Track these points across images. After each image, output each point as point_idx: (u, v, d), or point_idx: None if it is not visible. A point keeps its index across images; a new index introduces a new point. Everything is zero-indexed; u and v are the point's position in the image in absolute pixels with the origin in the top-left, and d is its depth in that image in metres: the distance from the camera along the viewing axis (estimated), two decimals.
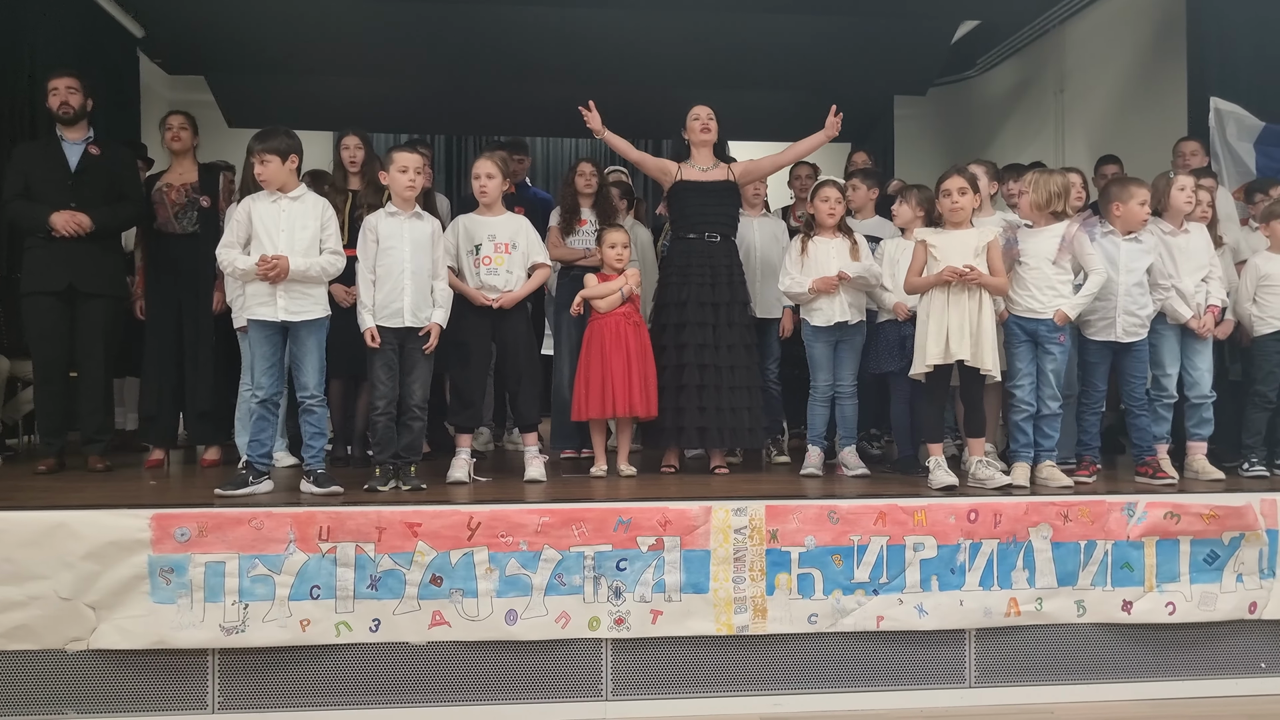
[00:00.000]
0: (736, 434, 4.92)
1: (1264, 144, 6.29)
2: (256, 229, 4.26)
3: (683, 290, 4.94)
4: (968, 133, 10.63)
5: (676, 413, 4.85)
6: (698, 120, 5.06)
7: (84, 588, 3.61)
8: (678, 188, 5.07)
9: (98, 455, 5.04)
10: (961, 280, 4.31)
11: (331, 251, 4.35)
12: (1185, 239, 4.78)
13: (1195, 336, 4.76)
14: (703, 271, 4.94)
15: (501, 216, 4.72)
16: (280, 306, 4.22)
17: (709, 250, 4.98)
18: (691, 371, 4.84)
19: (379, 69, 8.54)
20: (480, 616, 3.77)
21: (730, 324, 4.91)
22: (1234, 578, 4.11)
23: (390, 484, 4.31)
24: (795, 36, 7.99)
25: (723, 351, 4.87)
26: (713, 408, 4.83)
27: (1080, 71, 9.00)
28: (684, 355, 4.86)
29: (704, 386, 4.83)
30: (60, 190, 4.90)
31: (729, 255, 5.02)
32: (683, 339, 4.87)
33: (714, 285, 4.93)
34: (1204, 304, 4.75)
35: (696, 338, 4.86)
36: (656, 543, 3.86)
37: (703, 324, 4.88)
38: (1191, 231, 4.81)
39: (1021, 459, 4.47)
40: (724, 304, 4.93)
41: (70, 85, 5.00)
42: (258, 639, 3.67)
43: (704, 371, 4.84)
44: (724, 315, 4.91)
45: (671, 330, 4.93)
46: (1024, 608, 4.00)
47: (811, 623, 3.91)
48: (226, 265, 4.31)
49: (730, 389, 4.85)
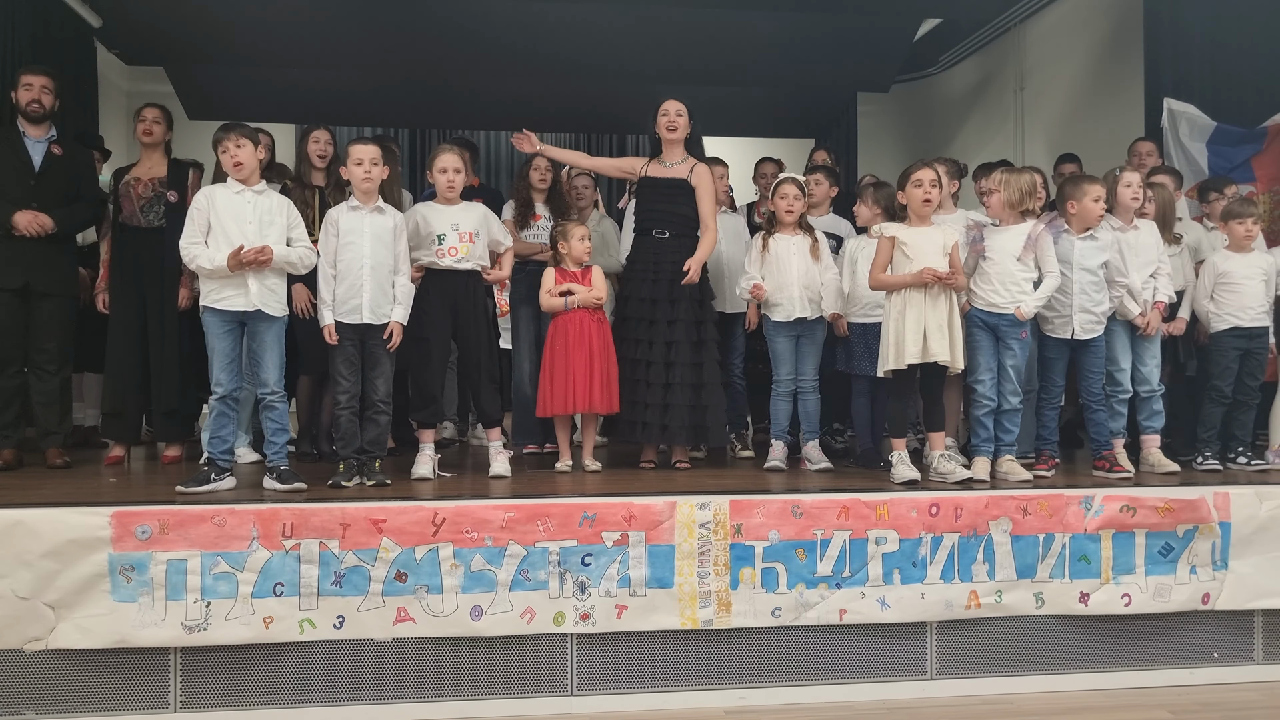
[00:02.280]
0: (697, 431, 4.93)
1: (1216, 144, 6.42)
2: (223, 220, 4.21)
3: (629, 286, 5.00)
4: (929, 129, 10.72)
5: (633, 407, 4.88)
6: (665, 116, 5.05)
7: (43, 587, 3.56)
8: (640, 184, 5.10)
9: (57, 449, 4.98)
10: (942, 284, 4.35)
11: (305, 247, 4.36)
12: (1135, 235, 4.85)
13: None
14: (646, 269, 4.96)
15: (460, 206, 4.70)
16: (254, 294, 4.19)
17: (656, 247, 4.99)
18: (637, 367, 4.87)
19: (342, 62, 8.47)
20: (445, 612, 3.77)
21: (682, 320, 4.88)
22: (1188, 569, 4.20)
23: (354, 480, 4.29)
24: (759, 33, 8.03)
25: (675, 348, 4.87)
26: (660, 404, 4.84)
27: (1040, 70, 9.12)
28: (637, 350, 4.89)
29: (650, 384, 4.85)
30: (23, 189, 4.87)
31: (677, 253, 4.94)
32: (637, 334, 4.91)
33: (656, 282, 4.92)
34: (1151, 300, 4.83)
35: (637, 333, 4.90)
36: (621, 538, 3.88)
37: (642, 320, 4.91)
38: (1141, 228, 4.89)
39: (982, 453, 4.52)
40: (667, 300, 4.89)
41: (45, 85, 4.98)
42: (220, 637, 3.65)
43: (650, 369, 4.86)
44: (674, 311, 4.89)
45: (630, 324, 4.95)
46: (984, 600, 4.06)
47: (775, 616, 3.95)
48: (192, 261, 4.24)
49: (681, 385, 4.84)
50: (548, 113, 10.00)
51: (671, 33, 7.93)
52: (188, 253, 4.24)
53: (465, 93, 9.33)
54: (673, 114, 5.04)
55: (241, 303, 4.20)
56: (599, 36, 8.01)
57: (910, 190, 4.51)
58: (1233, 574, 4.21)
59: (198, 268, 4.24)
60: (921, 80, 10.73)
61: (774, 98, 9.78)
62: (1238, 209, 5.06)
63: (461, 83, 9.09)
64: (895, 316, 4.44)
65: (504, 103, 9.44)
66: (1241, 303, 4.97)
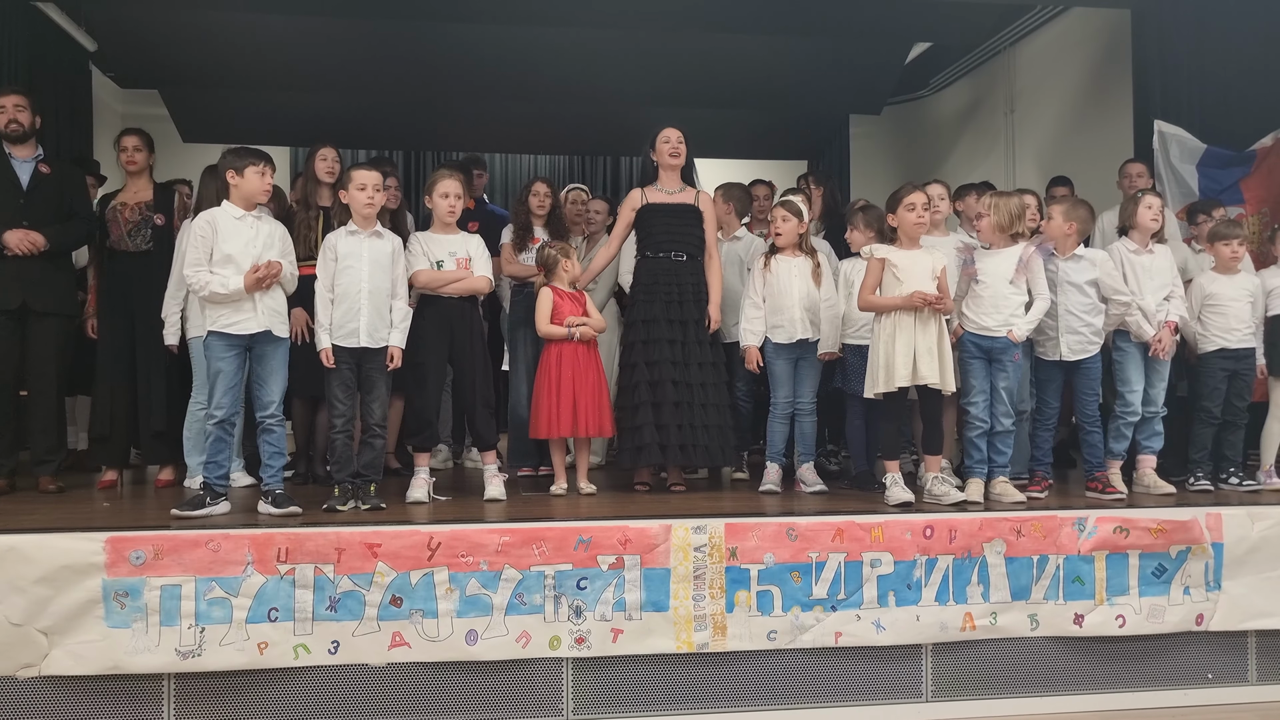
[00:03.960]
0: (710, 451, 4.94)
1: (1206, 166, 6.45)
2: (229, 246, 4.22)
3: (651, 308, 4.98)
4: (921, 151, 10.80)
5: (648, 430, 4.85)
6: (668, 144, 5.11)
7: (36, 613, 3.55)
8: (645, 210, 5.12)
9: (50, 476, 4.96)
10: (932, 308, 4.38)
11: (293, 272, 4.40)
12: (1150, 258, 4.89)
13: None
14: (670, 290, 4.99)
15: (459, 235, 4.75)
16: (262, 315, 4.21)
17: (675, 269, 5.03)
18: (664, 389, 4.87)
19: (336, 85, 8.50)
20: (440, 637, 3.76)
21: (699, 342, 4.96)
22: (1181, 590, 4.21)
23: (349, 504, 4.29)
24: (753, 56, 8.09)
25: (692, 369, 4.91)
26: (686, 425, 4.86)
27: (1030, 92, 9.20)
28: (654, 372, 4.89)
29: (679, 404, 4.87)
30: (11, 209, 4.86)
31: (695, 275, 5.06)
32: (652, 356, 4.91)
33: (681, 303, 4.98)
34: (1163, 321, 4.86)
35: (666, 354, 4.90)
36: (617, 561, 3.88)
37: (672, 341, 4.93)
38: (1156, 251, 4.93)
39: (976, 475, 4.54)
40: (691, 322, 4.97)
41: (19, 103, 4.95)
42: (215, 663, 3.63)
43: (676, 388, 4.88)
44: (692, 333, 4.96)
45: (640, 348, 4.95)
46: (979, 622, 4.07)
47: (771, 639, 3.95)
48: (204, 288, 4.18)
49: (701, 406, 4.89)
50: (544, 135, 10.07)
51: (666, 56, 7.99)
52: (197, 279, 4.20)
53: (461, 115, 9.38)
54: (674, 141, 5.11)
55: (252, 325, 4.21)
56: (594, 60, 8.07)
57: (902, 213, 4.54)
58: (1226, 595, 4.22)
59: (210, 294, 4.19)
60: (913, 102, 10.81)
61: (767, 120, 9.83)
62: (1224, 231, 5.11)
63: (457, 105, 9.14)
64: (885, 339, 4.46)
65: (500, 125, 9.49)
66: (1228, 324, 5.02)
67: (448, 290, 4.63)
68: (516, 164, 11.73)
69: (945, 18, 7.56)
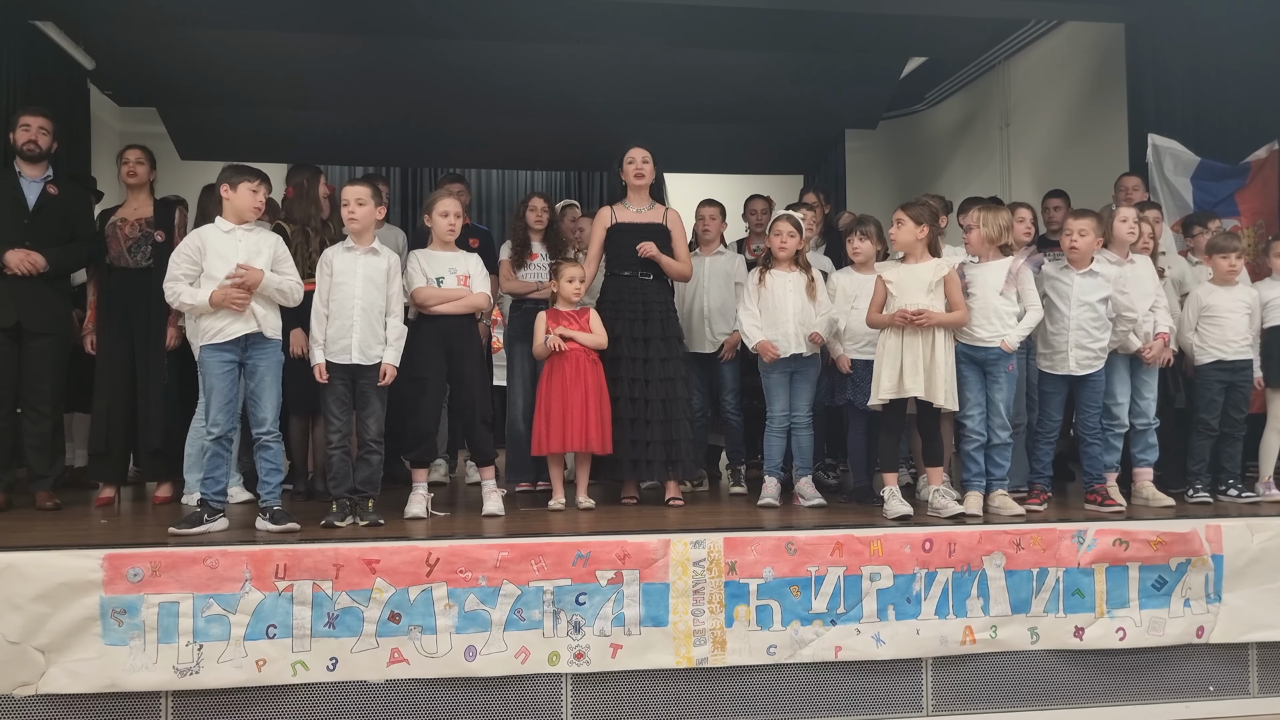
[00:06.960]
0: (673, 465, 4.99)
1: (1200, 178, 6.48)
2: (213, 260, 4.23)
3: (615, 325, 5.03)
4: (917, 165, 10.82)
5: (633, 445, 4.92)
6: (632, 164, 5.18)
7: (33, 630, 3.53)
8: (613, 229, 5.18)
9: (47, 493, 4.95)
10: (910, 324, 4.39)
11: (295, 281, 4.39)
12: (1131, 269, 4.91)
13: (1143, 365, 4.87)
14: (634, 308, 5.06)
15: (458, 252, 4.78)
16: (250, 317, 4.21)
17: (641, 288, 5.11)
18: (624, 405, 4.93)
19: (332, 102, 8.53)
20: (439, 653, 3.75)
21: (662, 359, 5.01)
22: (1181, 602, 4.20)
23: (347, 519, 4.28)
24: (749, 71, 8.13)
25: (653, 385, 4.97)
26: (641, 440, 4.92)
27: (1025, 106, 9.23)
28: (617, 389, 4.94)
29: (634, 420, 4.93)
30: (16, 228, 4.88)
31: (662, 293, 5.17)
32: (616, 373, 4.96)
33: (646, 321, 5.05)
34: (1152, 332, 4.87)
35: (626, 372, 4.96)
36: (615, 576, 3.87)
37: (633, 359, 4.99)
38: (1137, 262, 4.95)
39: (974, 488, 4.54)
40: (656, 339, 5.04)
41: (43, 126, 5.02)
42: (213, 680, 3.62)
43: (633, 405, 4.94)
44: (656, 350, 5.02)
45: (624, 364, 5.00)
46: (979, 636, 4.06)
47: (770, 654, 3.93)
48: (176, 299, 4.27)
49: (660, 422, 4.94)
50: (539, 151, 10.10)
51: (662, 72, 8.01)
52: (170, 290, 4.27)
53: (457, 132, 9.39)
54: (639, 161, 5.18)
55: (241, 327, 4.21)
56: (589, 76, 8.09)
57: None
58: (1226, 607, 4.22)
59: (180, 304, 4.26)
60: (908, 116, 10.85)
61: (763, 135, 9.87)
62: (1221, 243, 5.12)
63: (453, 122, 9.16)
64: (880, 353, 4.53)
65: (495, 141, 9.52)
66: (1225, 336, 5.03)
67: (447, 309, 4.64)
68: (513, 179, 11.77)
69: (940, 33, 7.60)
